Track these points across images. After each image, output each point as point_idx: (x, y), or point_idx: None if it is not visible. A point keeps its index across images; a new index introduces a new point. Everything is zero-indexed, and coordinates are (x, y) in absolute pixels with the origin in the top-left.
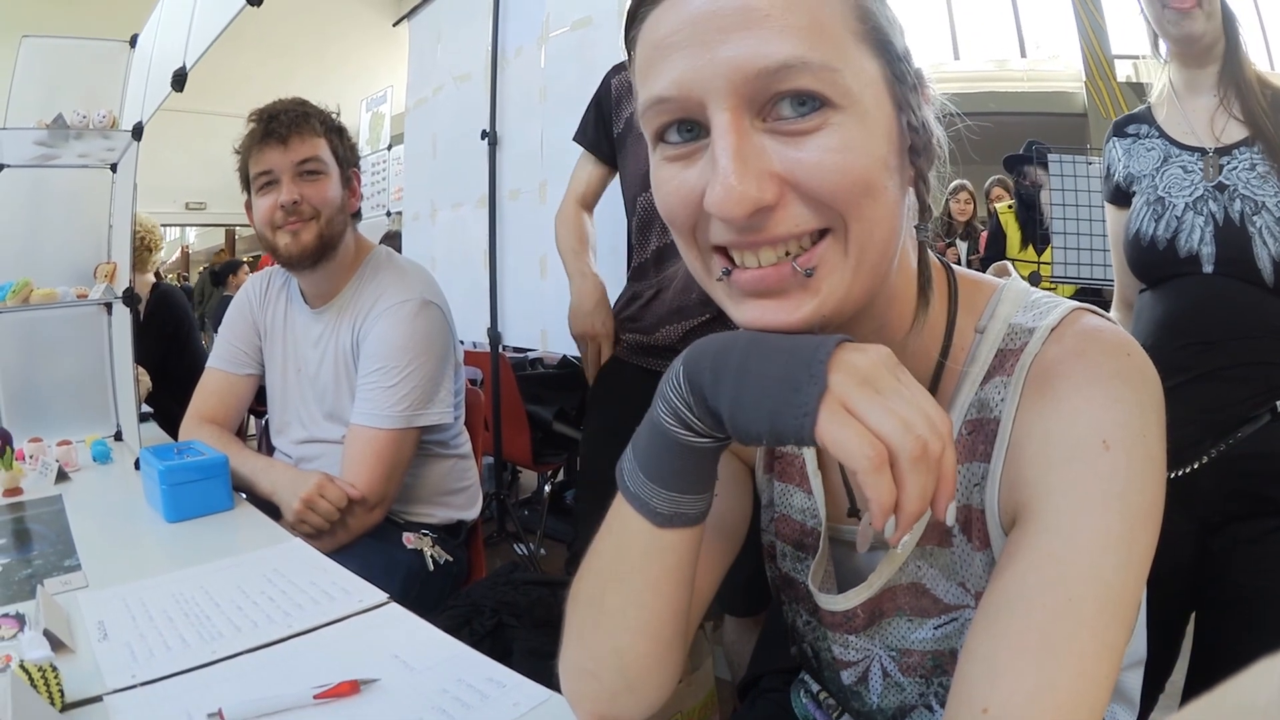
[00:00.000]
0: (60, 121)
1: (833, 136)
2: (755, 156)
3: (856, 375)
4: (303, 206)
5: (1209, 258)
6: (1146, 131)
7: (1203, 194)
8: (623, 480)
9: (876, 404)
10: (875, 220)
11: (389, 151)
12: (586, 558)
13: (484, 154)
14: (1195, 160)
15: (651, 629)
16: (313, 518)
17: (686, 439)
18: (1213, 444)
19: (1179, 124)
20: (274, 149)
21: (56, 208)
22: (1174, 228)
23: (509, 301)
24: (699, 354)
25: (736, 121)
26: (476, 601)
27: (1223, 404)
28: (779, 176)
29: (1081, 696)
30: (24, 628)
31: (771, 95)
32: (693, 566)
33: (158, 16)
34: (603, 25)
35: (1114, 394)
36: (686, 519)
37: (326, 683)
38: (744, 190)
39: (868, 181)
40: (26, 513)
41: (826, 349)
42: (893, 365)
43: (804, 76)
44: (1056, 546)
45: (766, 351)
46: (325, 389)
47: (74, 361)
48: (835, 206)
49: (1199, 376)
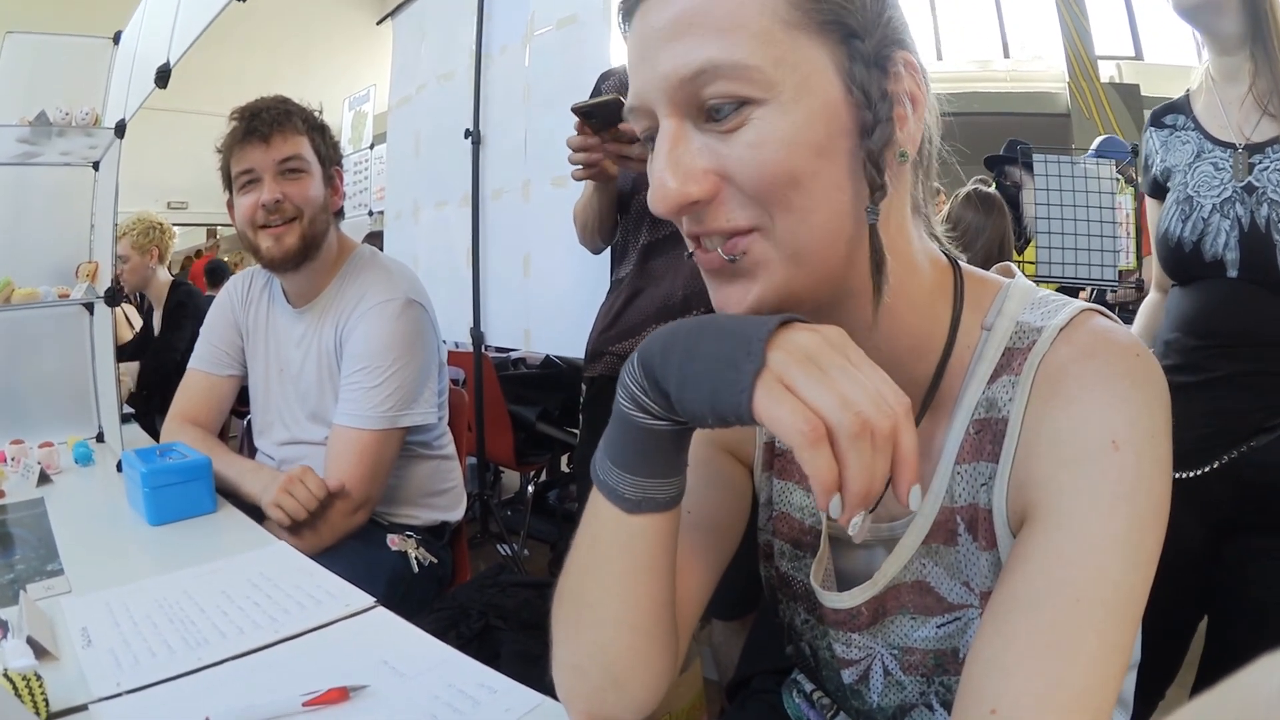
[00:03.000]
0: (43, 119)
1: (751, 132)
2: (688, 156)
3: (798, 353)
4: (285, 205)
5: (1233, 263)
6: (1183, 123)
7: (1230, 195)
8: (594, 471)
9: (814, 379)
10: (805, 210)
11: (371, 150)
12: (568, 555)
13: (467, 153)
14: (1226, 157)
15: (631, 620)
16: (289, 502)
17: (644, 422)
18: (1225, 450)
19: (1214, 115)
20: (256, 147)
21: (38, 206)
22: (1200, 230)
23: (492, 301)
24: (654, 338)
25: (676, 126)
26: (463, 604)
27: (1237, 410)
28: (713, 173)
29: (1089, 697)
30: (7, 635)
31: (702, 99)
32: (669, 555)
33: (141, 13)
34: (587, 24)
35: (1123, 395)
36: (655, 504)
37: (315, 689)
38: (670, 188)
39: (790, 173)
40: (8, 516)
41: (768, 327)
42: (842, 344)
43: (717, 80)
44: (1065, 547)
45: (713, 333)
46: (308, 389)
47: (56, 362)
48: (761, 200)
49: (1215, 380)
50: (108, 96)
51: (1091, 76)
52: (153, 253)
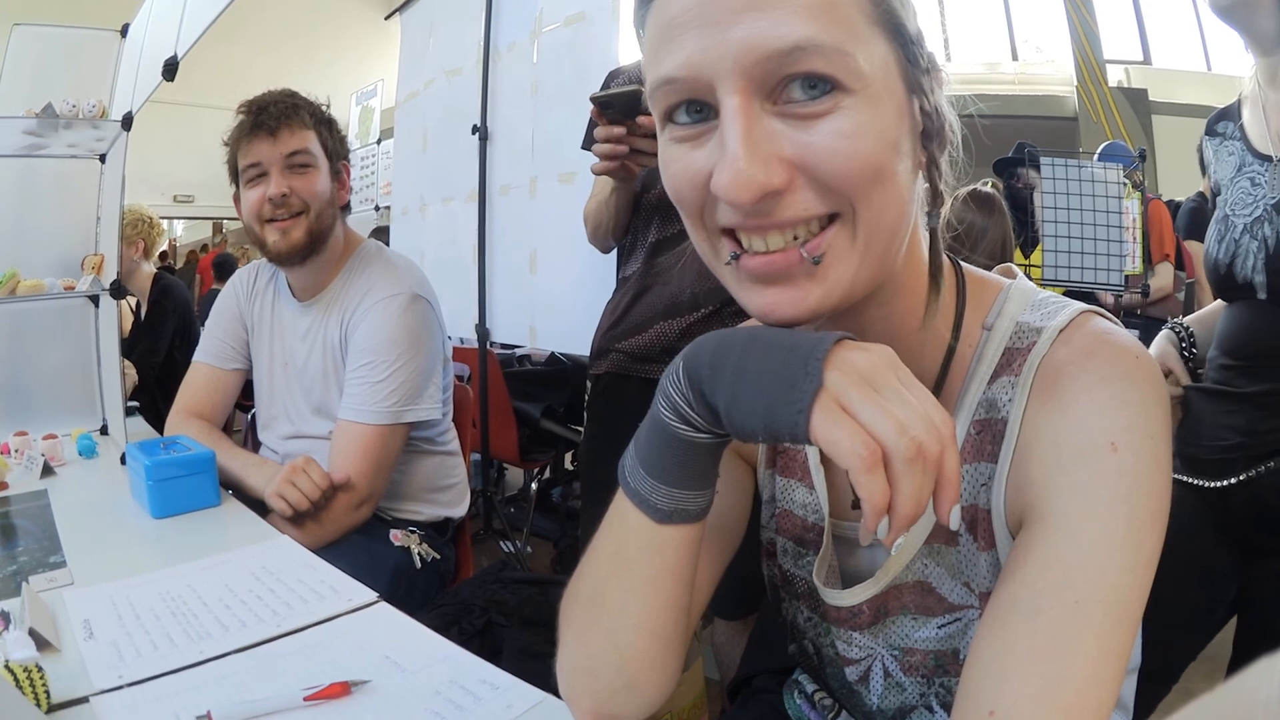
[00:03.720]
0: (50, 111)
1: (843, 120)
2: (765, 140)
3: (854, 373)
4: (291, 199)
5: (1261, 286)
6: (1231, 131)
7: (1261, 214)
8: (624, 477)
9: (872, 403)
10: (884, 206)
11: (378, 145)
12: (585, 556)
13: (474, 149)
14: (1263, 171)
15: (651, 625)
16: (292, 492)
17: (686, 434)
18: (1245, 468)
19: (1258, 124)
20: (263, 141)
21: (44, 198)
22: (1232, 251)
23: (498, 298)
24: (699, 349)
25: (746, 104)
26: (465, 600)
27: (1259, 429)
28: (788, 161)
29: (1087, 699)
30: (9, 626)
31: (782, 78)
32: (693, 563)
33: (149, 6)
34: (596, 21)
35: (1122, 396)
36: (687, 515)
37: (317, 684)
38: (751, 174)
39: (878, 166)
40: (11, 508)
41: (825, 346)
42: (894, 364)
43: (815, 59)
44: (1064, 550)
45: (765, 348)
46: (313, 384)
47: (60, 354)
48: (844, 191)
49: (1239, 396)
50: (115, 89)
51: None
52: (138, 245)
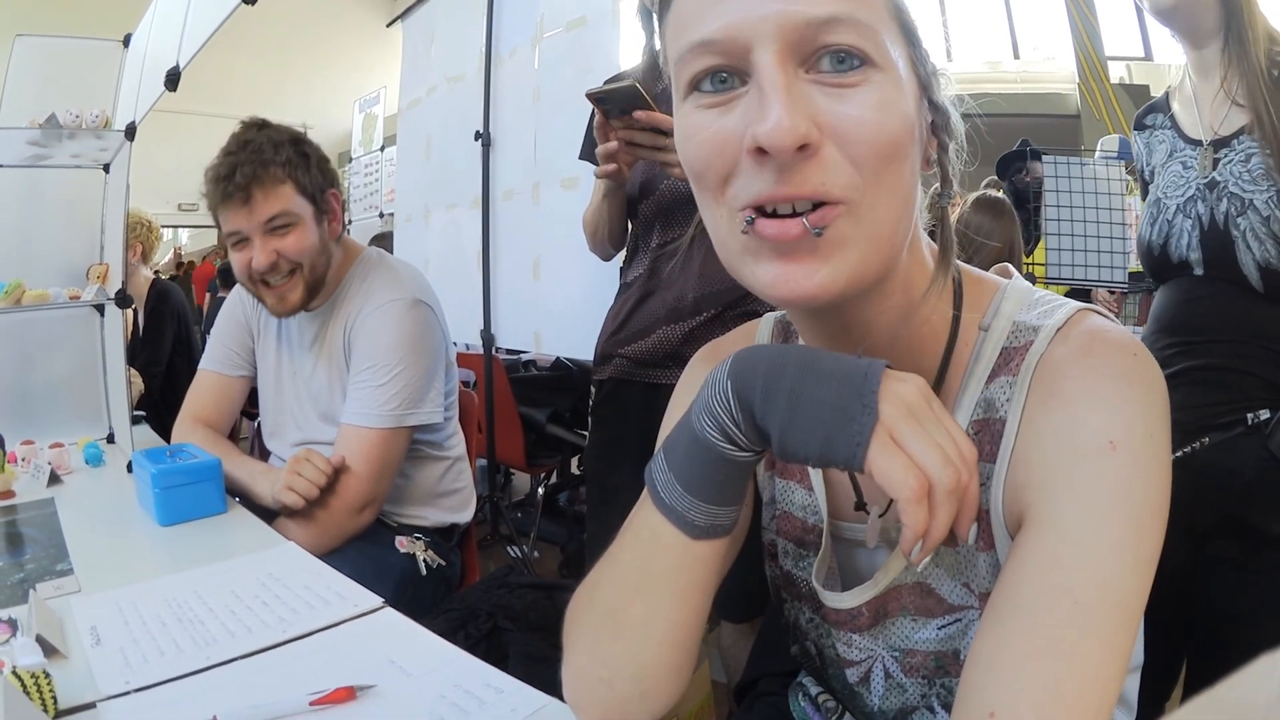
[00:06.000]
0: (53, 121)
1: (874, 93)
2: (802, 99)
3: (903, 407)
4: (280, 264)
5: (1198, 263)
6: (1161, 122)
7: (1193, 194)
8: (655, 492)
9: (920, 437)
10: (894, 188)
11: (382, 153)
12: (603, 565)
13: (477, 155)
14: (1194, 155)
15: (674, 638)
16: (299, 482)
17: (730, 453)
18: (1178, 446)
19: (1188, 113)
20: (238, 210)
21: (49, 208)
22: (1166, 232)
23: (502, 303)
24: (749, 370)
25: (784, 64)
26: (471, 605)
27: (1191, 405)
28: (821, 124)
29: (1088, 700)
30: (16, 633)
31: (817, 47)
32: (719, 575)
33: (151, 16)
34: (597, 26)
35: (1121, 395)
36: (721, 530)
37: (322, 689)
38: (794, 123)
39: (900, 145)
40: (19, 516)
41: (875, 377)
42: (930, 396)
43: (850, 31)
44: (1063, 550)
45: (819, 375)
46: (319, 391)
47: (66, 363)
48: (868, 164)
49: (1174, 374)
50: (118, 99)
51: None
52: (136, 249)
